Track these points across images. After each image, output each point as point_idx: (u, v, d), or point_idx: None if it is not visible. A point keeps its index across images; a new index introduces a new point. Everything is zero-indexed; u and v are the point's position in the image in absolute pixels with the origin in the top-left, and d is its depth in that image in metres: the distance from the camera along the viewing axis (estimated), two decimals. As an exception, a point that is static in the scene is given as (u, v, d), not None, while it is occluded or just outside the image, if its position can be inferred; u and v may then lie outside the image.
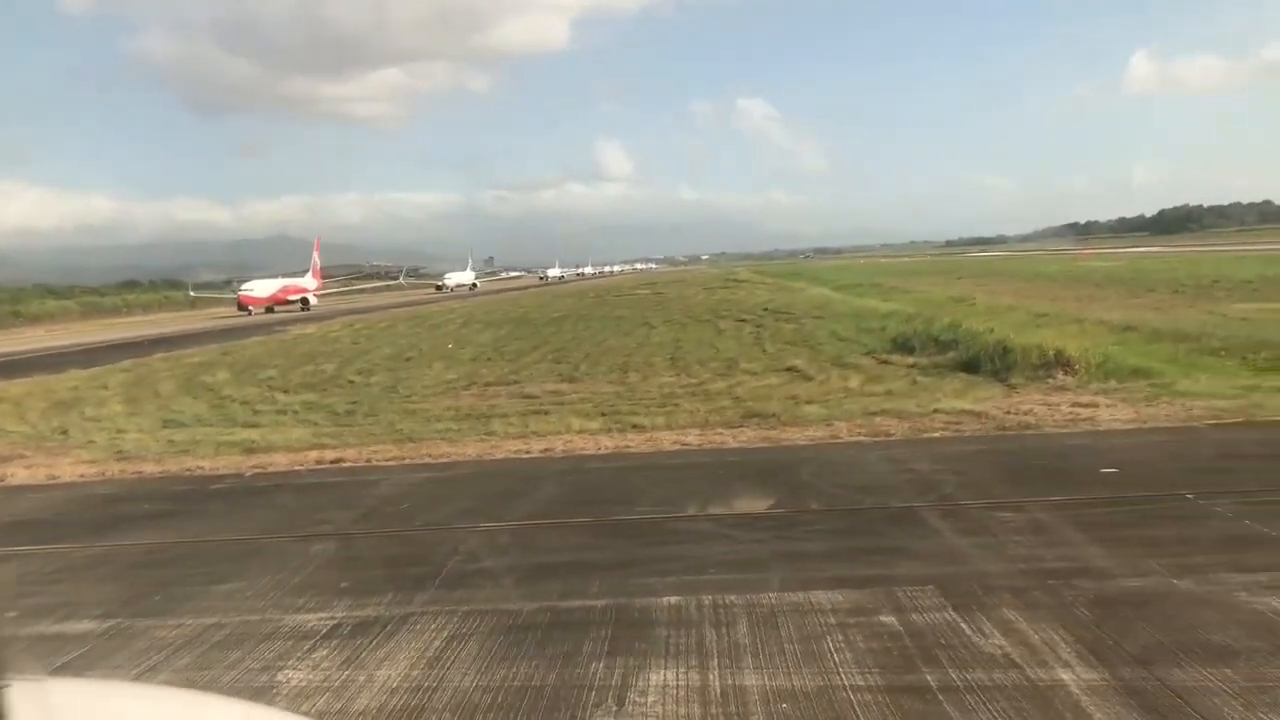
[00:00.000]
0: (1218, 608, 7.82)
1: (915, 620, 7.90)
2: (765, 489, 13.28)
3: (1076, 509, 11.20)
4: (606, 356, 36.22)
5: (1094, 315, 45.35)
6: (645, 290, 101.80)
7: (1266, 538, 9.62)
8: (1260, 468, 12.93)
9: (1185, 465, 13.55)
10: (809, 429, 19.10)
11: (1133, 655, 6.97)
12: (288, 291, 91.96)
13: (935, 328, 33.93)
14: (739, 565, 9.72)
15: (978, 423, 18.77)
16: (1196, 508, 10.87)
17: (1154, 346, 34.47)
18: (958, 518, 11.10)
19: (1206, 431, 16.45)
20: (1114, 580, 8.62)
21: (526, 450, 18.51)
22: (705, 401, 23.59)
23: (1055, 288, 70.46)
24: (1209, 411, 18.68)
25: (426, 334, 53.73)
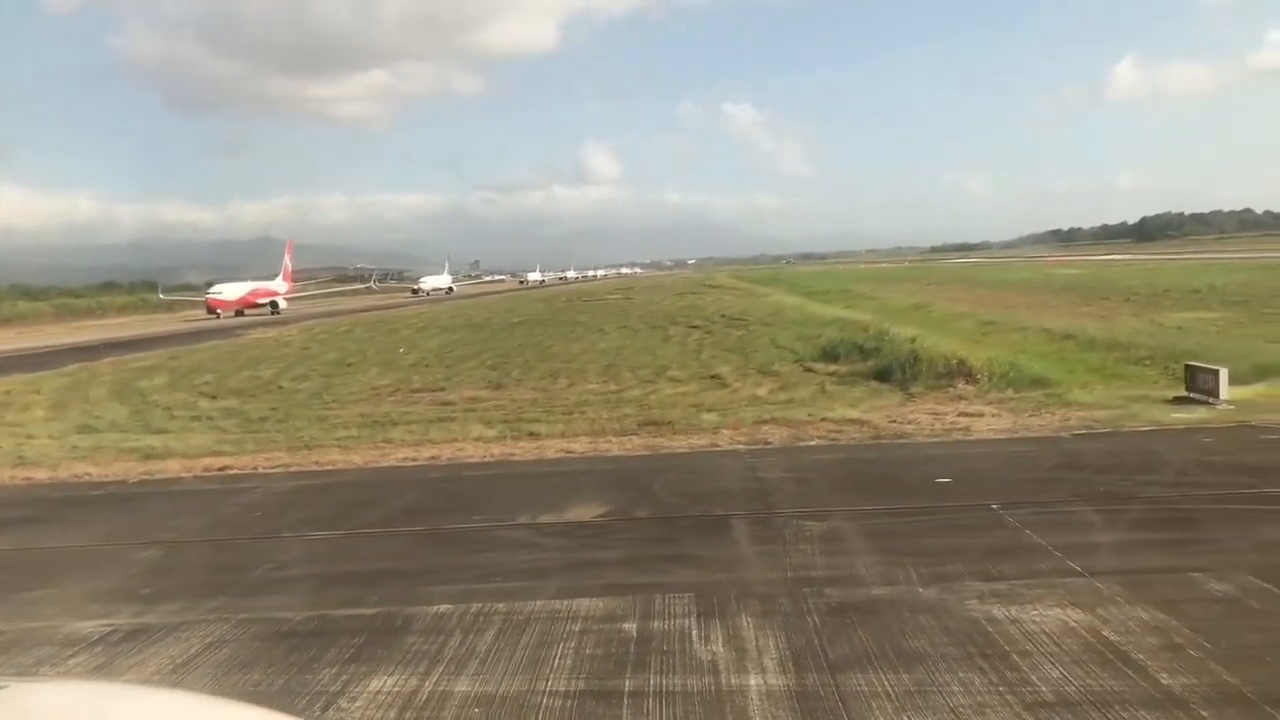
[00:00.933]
0: (939, 615, 8.16)
1: (653, 627, 8.21)
2: (609, 497, 13.60)
3: (881, 518, 11.56)
4: (545, 363, 36.49)
5: (1040, 323, 45.83)
6: (616, 296, 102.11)
7: (1035, 547, 9.98)
8: (1082, 478, 13.32)
9: (1017, 476, 13.93)
10: (695, 437, 19.46)
11: (828, 662, 7.30)
12: (257, 295, 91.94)
13: (861, 337, 34.34)
14: (528, 574, 10.02)
15: (858, 431, 19.15)
16: (992, 518, 11.23)
17: (1086, 355, 35.10)
18: (764, 526, 11.44)
19: (1066, 441, 16.86)
20: (862, 589, 8.96)
21: (414, 459, 18.78)
22: (614, 409, 23.88)
23: (1015, 295, 71.03)
24: (1084, 421, 19.13)
25: (381, 339, 53.86)
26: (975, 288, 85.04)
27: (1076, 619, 7.92)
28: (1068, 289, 71.00)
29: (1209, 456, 14.61)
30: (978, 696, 6.59)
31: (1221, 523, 10.63)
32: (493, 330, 56.73)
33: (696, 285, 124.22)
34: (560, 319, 65.45)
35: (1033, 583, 8.85)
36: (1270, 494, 11.76)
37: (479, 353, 41.97)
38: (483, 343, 47.56)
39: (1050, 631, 7.69)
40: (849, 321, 45.05)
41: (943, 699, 6.59)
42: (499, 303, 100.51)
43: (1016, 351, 37.45)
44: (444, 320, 69.53)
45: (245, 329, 69.85)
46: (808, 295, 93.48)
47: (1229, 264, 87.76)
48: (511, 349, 43.24)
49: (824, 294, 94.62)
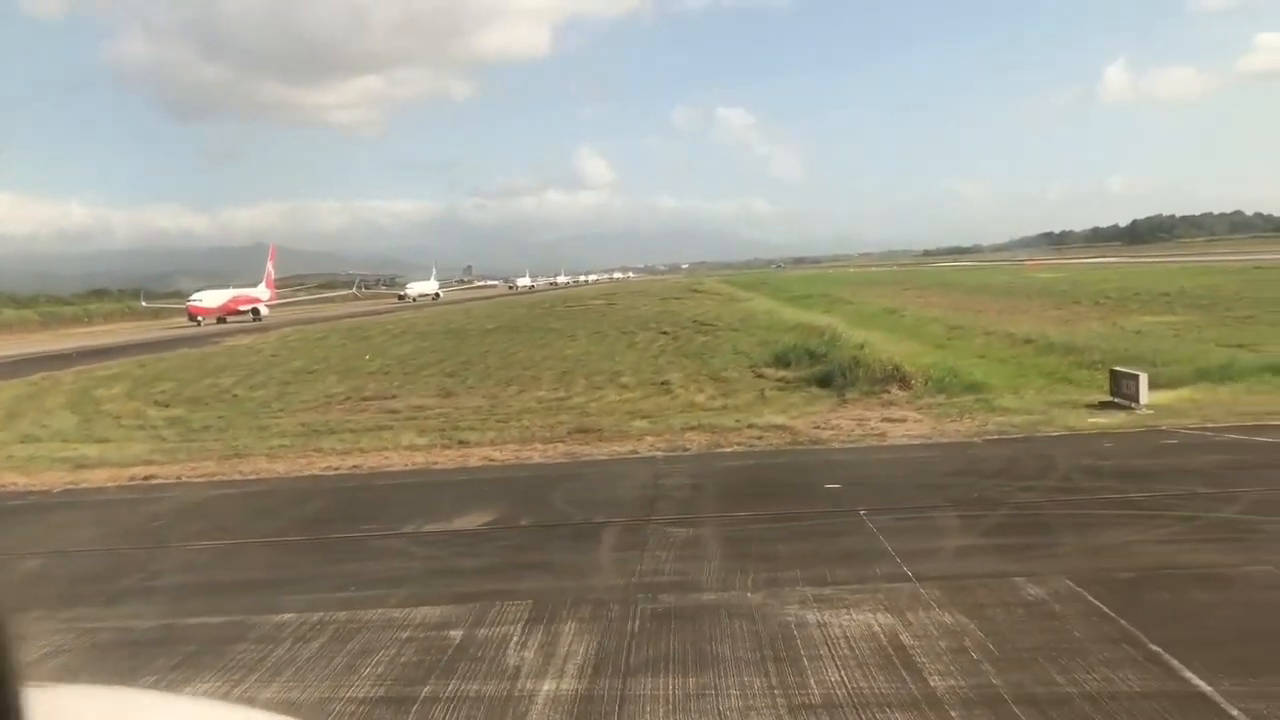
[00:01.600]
0: (755, 620, 8.38)
1: (477, 635, 8.42)
2: (504, 505, 13.82)
3: (750, 525, 11.79)
4: (505, 369, 36.68)
5: (1006, 328, 46.18)
6: (600, 301, 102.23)
7: (880, 553, 10.20)
8: (966, 484, 13.56)
9: (906, 481, 14.15)
10: (619, 444, 19.67)
11: (626, 667, 7.52)
12: (239, 302, 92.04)
13: (813, 343, 34.59)
14: (383, 583, 10.22)
15: (778, 437, 19.38)
16: (854, 524, 11.46)
17: (1043, 359, 35.43)
18: (634, 533, 11.66)
19: (973, 447, 17.08)
20: (695, 594, 9.19)
21: (336, 468, 18.98)
22: (552, 416, 24.09)
23: (991, 299, 71.36)
24: (1000, 427, 19.37)
25: (352, 346, 54.00)
26: (954, 292, 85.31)
27: (881, 623, 8.15)
28: (1043, 293, 71.25)
29: (1099, 461, 14.83)
30: (750, 700, 6.81)
31: (1071, 528, 10.85)
32: (465, 336, 56.88)
33: (682, 290, 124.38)
34: (537, 324, 65.64)
35: (859, 588, 9.08)
36: (1132, 499, 12.00)
37: (442, 360, 42.14)
38: (450, 349, 47.72)
39: (851, 635, 7.91)
40: (809, 327, 45.28)
41: (716, 702, 6.80)
42: (482, 309, 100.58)
43: (978, 355, 37.94)
44: (422, 326, 69.67)
45: (223, 336, 69.93)
46: (788, 300, 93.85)
47: (1208, 267, 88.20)
48: (476, 356, 43.42)
49: (804, 298, 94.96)
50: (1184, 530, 10.48)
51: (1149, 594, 8.53)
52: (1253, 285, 60.74)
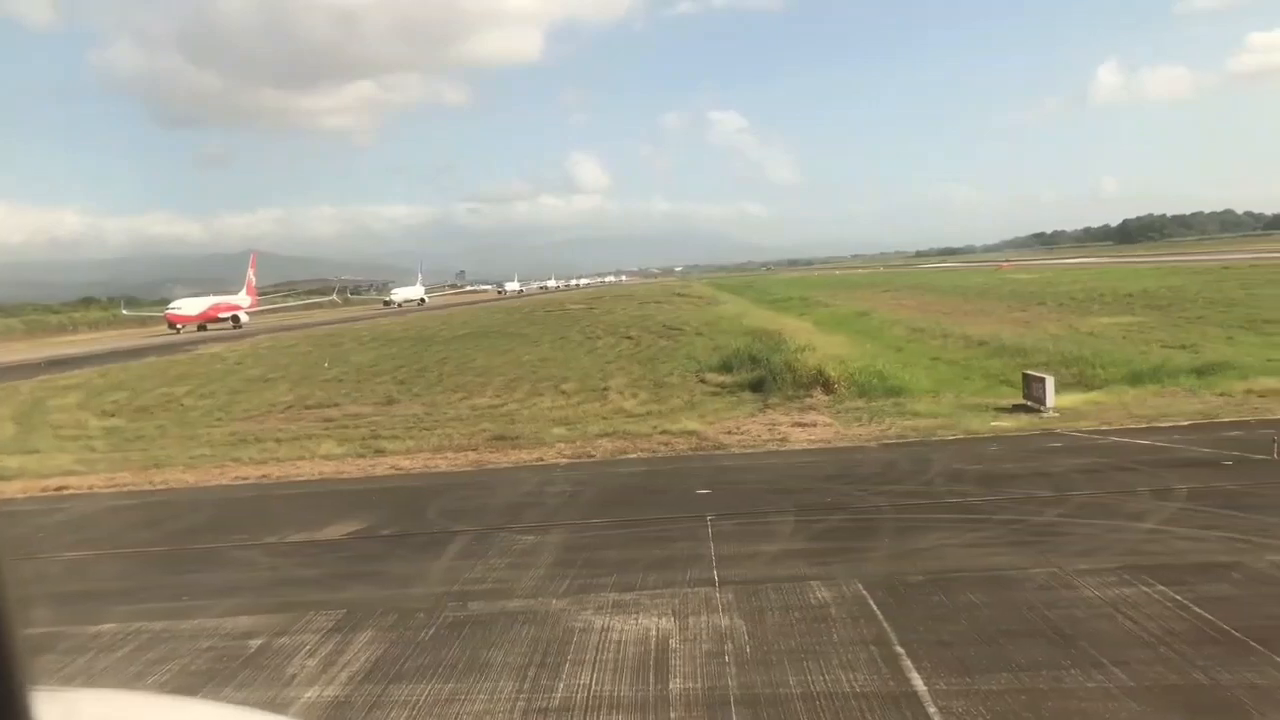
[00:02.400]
0: (545, 626, 8.68)
1: (275, 644, 8.69)
2: (379, 515, 14.12)
3: (599, 531, 12.10)
4: (458, 376, 36.95)
5: (966, 330, 46.58)
6: (580, 306, 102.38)
7: (699, 558, 10.49)
8: (826, 489, 13.88)
9: (774, 487, 14.41)
10: (529, 451, 19.94)
11: (396, 674, 7.80)
12: (218, 309, 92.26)
13: (757, 348, 34.89)
14: (217, 593, 10.49)
15: (685, 443, 19.66)
16: (695, 530, 11.74)
17: (991, 361, 35.78)
18: (482, 542, 11.94)
19: (863, 452, 17.38)
20: (504, 600, 9.49)
21: (245, 478, 19.25)
22: (478, 424, 24.35)
23: (962, 300, 71.70)
24: (902, 431, 19.65)
25: (318, 353, 54.20)
26: (929, 294, 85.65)
27: (660, 627, 8.43)
28: (1013, 295, 71.55)
29: (969, 465, 15.12)
30: (492, 705, 7.08)
31: (896, 531, 11.14)
32: (433, 343, 57.09)
33: (666, 294, 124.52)
34: (509, 330, 65.87)
35: (662, 592, 9.36)
36: (971, 503, 12.30)
37: (400, 367, 42.35)
38: (412, 356, 47.95)
39: (625, 640, 8.19)
40: (761, 332, 45.57)
41: (459, 707, 7.08)
42: (461, 314, 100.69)
43: (931, 357, 38.38)
44: (396, 333, 69.84)
45: (198, 344, 70.07)
46: (767, 303, 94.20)
47: (1181, 267, 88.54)
48: (435, 363, 43.62)
49: (784, 301, 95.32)
50: (999, 533, 10.77)
51: (925, 597, 8.81)
52: (1216, 285, 61.09)
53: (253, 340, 69.48)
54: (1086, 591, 8.64)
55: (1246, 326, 38.83)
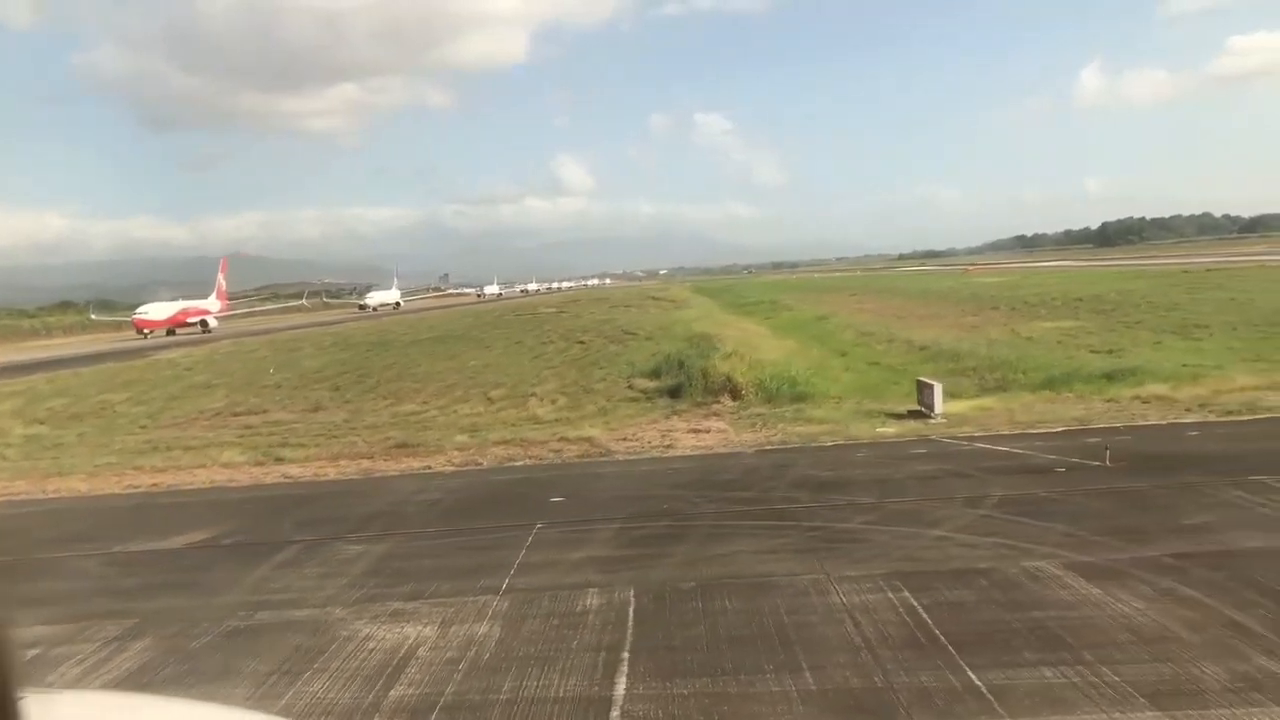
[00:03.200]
0: (313, 635, 8.97)
1: (51, 653, 8.95)
2: (234, 524, 14.40)
3: (430, 540, 12.43)
4: (397, 382, 37.16)
5: (912, 334, 47.14)
6: (550, 310, 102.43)
7: (506, 565, 10.81)
8: (676, 494, 14.20)
9: (626, 493, 14.72)
10: (422, 460, 20.15)
11: (142, 684, 8.06)
12: (187, 314, 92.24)
13: (688, 353, 35.27)
14: (32, 603, 10.72)
15: (576, 449, 19.96)
16: (518, 538, 12.04)
17: (926, 365, 36.25)
18: (311, 551, 12.24)
19: (736, 458, 17.67)
20: (291, 611, 9.78)
21: (137, 486, 19.46)
22: (387, 432, 24.58)
23: (920, 305, 72.24)
24: (788, 437, 20.02)
25: (273, 359, 54.26)
26: (894, 297, 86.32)
27: (419, 635, 8.75)
28: (971, 298, 72.17)
29: (824, 472, 15.46)
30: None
31: (704, 538, 11.48)
32: (390, 348, 57.25)
33: (641, 298, 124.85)
34: (470, 335, 66.01)
35: (447, 601, 9.67)
36: (794, 510, 12.64)
37: (343, 372, 42.52)
38: (360, 362, 48.08)
39: (377, 649, 8.52)
40: (706, 336, 45.96)
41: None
42: (431, 319, 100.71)
43: (870, 362, 38.89)
44: (358, 338, 69.90)
45: (161, 349, 69.98)
46: (735, 307, 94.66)
47: (1147, 271, 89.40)
48: (380, 368, 43.82)
49: (752, 305, 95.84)
50: (797, 540, 11.11)
51: (684, 603, 9.14)
52: (1166, 290, 61.78)
53: (213, 346, 69.54)
54: (835, 598, 8.98)
55: (1178, 331, 39.46)
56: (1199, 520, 10.81)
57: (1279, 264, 75.69)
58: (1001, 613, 8.30)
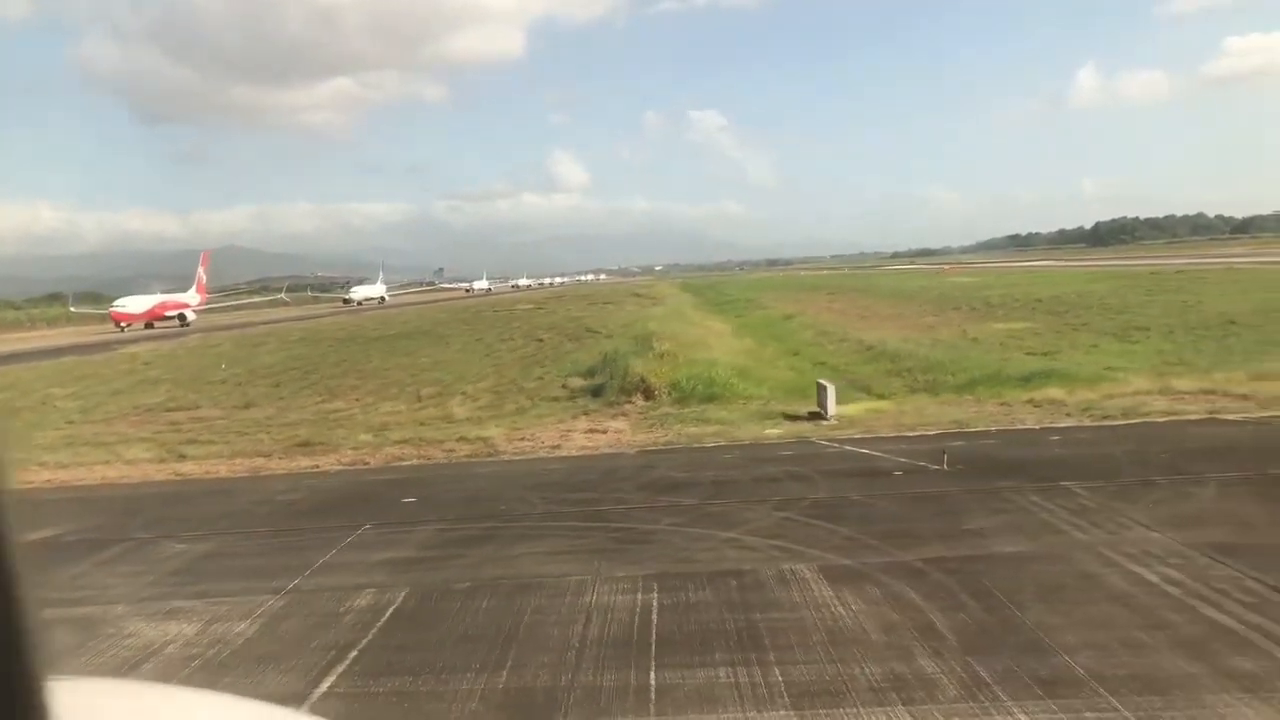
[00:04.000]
0: (74, 631, 9.26)
1: None
2: (89, 521, 14.71)
3: (254, 540, 12.74)
4: (339, 379, 37.56)
5: (865, 334, 47.62)
6: (528, 307, 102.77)
7: (301, 567, 11.11)
8: (527, 495, 14.47)
9: (480, 494, 14.98)
10: (316, 459, 20.40)
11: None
12: (165, 307, 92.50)
13: (623, 351, 35.63)
14: None
15: (468, 449, 20.22)
16: (335, 539, 12.34)
17: (868, 366, 36.74)
18: (137, 550, 12.55)
19: (615, 459, 17.97)
20: (73, 609, 10.06)
21: (31, 482, 19.76)
22: (296, 429, 24.85)
23: (886, 305, 72.57)
24: (675, 437, 20.32)
25: (234, 354, 54.66)
26: (866, 297, 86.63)
27: (174, 633, 9.05)
28: (939, 298, 72.46)
29: (680, 474, 15.75)
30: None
31: (511, 539, 11.78)
32: (352, 344, 57.61)
33: (625, 294, 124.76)
34: (437, 331, 66.32)
35: (221, 601, 9.99)
36: (613, 512, 12.94)
37: (292, 369, 42.87)
38: (316, 358, 48.45)
39: (129, 645, 8.81)
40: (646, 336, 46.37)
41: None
42: (410, 314, 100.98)
43: (817, 362, 39.34)
44: (326, 333, 70.27)
45: (130, 343, 70.24)
46: (710, 305, 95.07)
47: (1121, 272, 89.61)
48: (332, 364, 44.20)
49: (729, 303, 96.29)
50: (596, 541, 11.42)
51: (445, 604, 9.45)
52: (1128, 291, 62.07)
53: (181, 340, 69.86)
54: (587, 598, 9.29)
55: (1118, 334, 39.82)
56: (977, 525, 11.11)
57: (1248, 266, 75.93)
58: (726, 614, 8.61)
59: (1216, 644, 7.37)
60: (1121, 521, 11.01)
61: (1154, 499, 11.99)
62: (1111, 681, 6.80)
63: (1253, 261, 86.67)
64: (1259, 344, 32.07)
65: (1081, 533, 10.64)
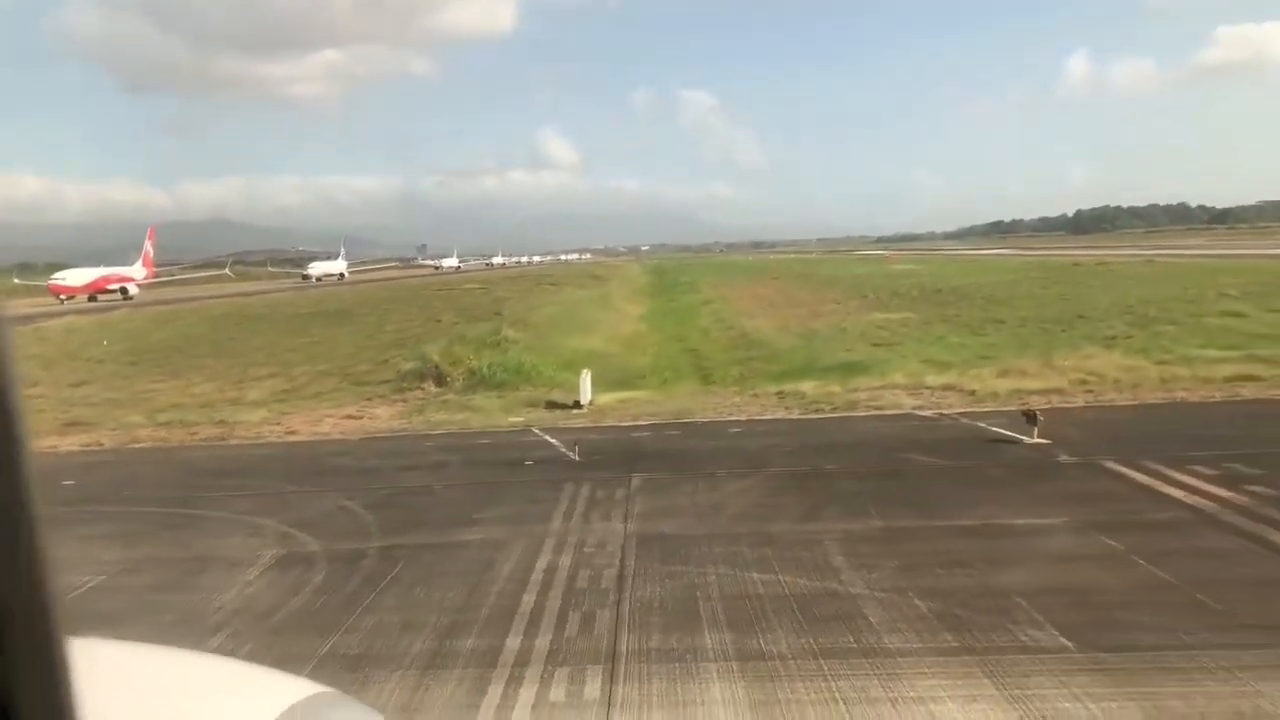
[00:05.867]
0: None
1: None
2: None
3: None
4: (207, 359, 38.07)
5: (755, 323, 48.57)
6: (473, 286, 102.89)
7: None
8: (191, 481, 15.32)
9: (150, 480, 15.86)
10: (67, 439, 20.96)
11: None
12: (108, 280, 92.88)
13: (470, 335, 36.35)
14: None
15: (213, 432, 20.86)
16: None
17: (730, 353, 37.71)
18: None
19: (325, 445, 18.79)
20: None
21: None
22: (100, 409, 25.52)
23: (810, 291, 72.66)
24: (428, 424, 21.09)
25: (137, 329, 55.27)
26: (798, 283, 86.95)
27: None
28: (858, 286, 72.53)
29: (351, 460, 16.66)
30: None
31: (79, 523, 12.57)
32: (264, 321, 58.21)
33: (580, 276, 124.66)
34: (359, 311, 66.60)
35: None
36: (199, 497, 13.73)
37: (175, 348, 43.36)
38: (209, 336, 48.96)
39: None
40: (521, 320, 47.16)
41: None
42: (355, 291, 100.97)
43: (689, 349, 40.36)
44: (251, 310, 70.62)
45: (50, 316, 70.42)
46: (654, 288, 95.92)
47: (1054, 261, 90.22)
48: (211, 342, 44.81)
49: (673, 287, 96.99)
50: (134, 526, 12.24)
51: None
52: (1031, 282, 62.51)
53: (105, 315, 70.14)
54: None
55: (974, 326, 40.33)
56: (490, 513, 12.01)
57: (1166, 260, 76.49)
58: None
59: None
60: (607, 509, 12.02)
61: (688, 489, 13.02)
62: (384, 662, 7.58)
63: (1185, 254, 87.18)
64: (1082, 338, 32.73)
65: (557, 521, 11.60)
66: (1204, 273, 57.98)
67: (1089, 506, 11.43)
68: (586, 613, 8.50)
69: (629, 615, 8.40)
